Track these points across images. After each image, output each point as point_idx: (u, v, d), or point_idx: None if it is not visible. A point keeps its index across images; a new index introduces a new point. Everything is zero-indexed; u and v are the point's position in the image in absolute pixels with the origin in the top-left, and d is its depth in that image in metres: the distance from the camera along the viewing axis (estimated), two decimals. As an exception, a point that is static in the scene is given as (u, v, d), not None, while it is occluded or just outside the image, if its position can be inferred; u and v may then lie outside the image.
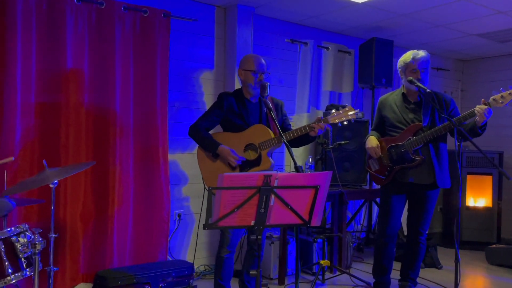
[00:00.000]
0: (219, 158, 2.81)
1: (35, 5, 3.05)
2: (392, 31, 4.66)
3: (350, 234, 4.22)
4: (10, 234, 1.95)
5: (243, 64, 2.86)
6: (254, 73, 2.78)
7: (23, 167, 3.01)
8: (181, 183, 3.89)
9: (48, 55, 3.12)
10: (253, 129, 2.81)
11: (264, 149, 2.76)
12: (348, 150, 4.27)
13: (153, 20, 3.53)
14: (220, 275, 2.83)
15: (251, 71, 2.80)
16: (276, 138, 2.75)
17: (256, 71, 2.78)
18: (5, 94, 2.95)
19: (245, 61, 2.85)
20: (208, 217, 1.96)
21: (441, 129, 2.95)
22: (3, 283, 1.90)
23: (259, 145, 2.77)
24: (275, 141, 2.74)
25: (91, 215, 3.32)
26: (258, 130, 2.80)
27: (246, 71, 2.82)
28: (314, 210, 2.04)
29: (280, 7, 4.05)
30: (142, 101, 3.53)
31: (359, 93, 5.01)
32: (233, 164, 2.76)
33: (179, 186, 3.88)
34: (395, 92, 3.25)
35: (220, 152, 2.76)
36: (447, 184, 3.09)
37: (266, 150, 2.76)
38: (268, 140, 2.75)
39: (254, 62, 2.80)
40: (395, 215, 3.18)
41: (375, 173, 3.18)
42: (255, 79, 2.79)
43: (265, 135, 2.77)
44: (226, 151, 2.74)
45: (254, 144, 2.79)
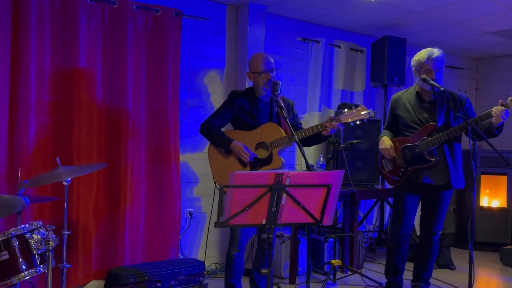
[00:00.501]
0: (232, 154, 2.80)
1: (49, 5, 3.08)
2: (405, 29, 4.61)
3: (362, 234, 4.19)
4: (25, 231, 1.97)
5: (250, 66, 2.86)
6: (262, 74, 2.78)
7: (37, 165, 3.04)
8: (192, 182, 3.90)
9: (62, 54, 3.15)
10: (265, 128, 2.80)
11: (275, 147, 2.75)
12: (360, 149, 4.24)
13: (165, 19, 3.54)
14: (231, 273, 2.83)
15: (258, 73, 2.79)
16: (287, 137, 2.73)
17: (263, 71, 2.77)
18: (19, 92, 2.99)
19: (252, 63, 2.84)
20: (219, 215, 1.95)
21: (457, 130, 2.90)
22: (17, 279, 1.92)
23: (270, 143, 2.76)
24: (286, 140, 2.73)
25: (103, 213, 3.35)
26: (270, 128, 2.79)
27: (255, 74, 2.82)
28: (326, 209, 2.03)
29: (292, 6, 4.03)
30: (153, 100, 3.54)
31: (371, 92, 4.97)
32: (245, 160, 2.75)
33: (190, 185, 3.89)
34: (408, 90, 3.19)
35: (233, 148, 2.75)
36: (461, 185, 3.05)
37: (277, 148, 2.76)
38: (280, 138, 2.74)
39: (260, 63, 2.79)
40: (409, 215, 3.14)
41: (389, 174, 3.15)
42: (263, 80, 2.79)
43: (277, 133, 2.76)
44: (239, 147, 2.74)
45: (265, 142, 2.78)
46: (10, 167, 2.96)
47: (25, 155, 2.99)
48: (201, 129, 2.87)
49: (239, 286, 2.87)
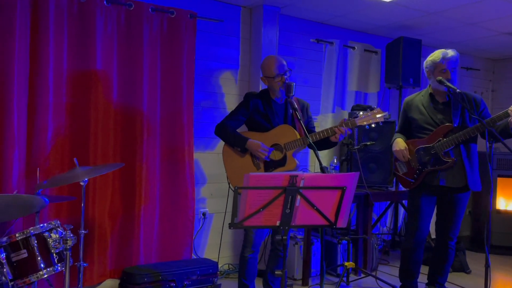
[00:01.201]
0: (246, 155, 2.81)
1: (66, 8, 3.13)
2: (420, 30, 4.57)
3: (376, 236, 4.16)
4: (43, 230, 2.02)
5: (263, 71, 2.86)
6: (276, 77, 2.78)
7: (54, 165, 3.10)
8: (206, 182, 3.92)
9: (79, 56, 3.20)
10: (279, 129, 2.81)
11: (290, 149, 2.75)
12: (374, 151, 4.21)
13: (180, 21, 3.57)
14: (244, 274, 2.84)
15: (273, 77, 2.79)
16: (301, 139, 2.73)
17: (277, 75, 2.78)
18: (37, 94, 3.05)
19: (264, 68, 2.85)
20: (233, 217, 1.97)
21: (473, 130, 2.86)
22: (35, 278, 1.96)
23: (284, 145, 2.76)
24: (300, 142, 2.73)
25: (119, 213, 3.39)
26: (284, 130, 2.79)
27: (269, 78, 2.82)
28: (340, 211, 2.02)
29: (306, 7, 4.03)
30: (168, 101, 3.58)
31: (385, 93, 4.94)
32: (262, 156, 2.74)
33: (204, 185, 3.92)
34: (421, 93, 3.16)
35: (249, 146, 2.76)
36: (478, 187, 3.00)
37: (291, 150, 2.75)
38: (294, 140, 2.74)
39: (273, 67, 2.79)
40: (425, 219, 3.09)
41: (404, 176, 3.11)
42: (278, 83, 2.78)
43: (291, 135, 2.76)
44: (255, 144, 2.74)
45: (279, 144, 2.78)
46: (28, 167, 3.02)
47: (43, 156, 3.05)
48: (216, 130, 2.89)
49: (252, 287, 2.88)
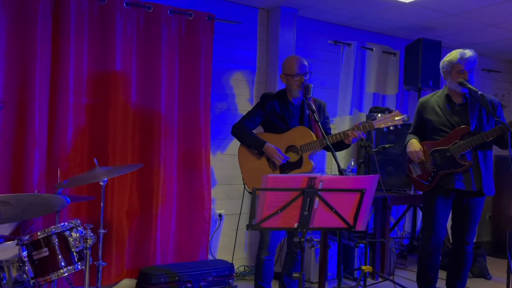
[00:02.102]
0: (263, 157, 2.81)
1: (87, 10, 3.18)
2: (440, 31, 4.50)
3: (394, 240, 4.11)
4: (64, 229, 2.04)
5: (284, 68, 2.85)
6: (295, 76, 2.77)
7: (74, 165, 3.14)
8: (221, 184, 3.93)
9: (98, 57, 3.25)
10: (295, 131, 2.79)
11: (306, 151, 2.73)
12: (393, 153, 4.16)
13: (198, 23, 3.59)
14: (261, 277, 2.83)
15: (292, 75, 2.78)
16: (318, 141, 2.71)
17: (297, 74, 2.77)
18: (58, 94, 3.10)
19: (285, 65, 2.84)
20: (251, 218, 1.96)
21: (492, 133, 2.79)
22: (56, 276, 1.99)
23: (300, 147, 2.74)
24: (317, 143, 2.71)
25: (136, 213, 3.42)
26: (300, 132, 2.78)
27: (288, 76, 2.81)
28: (359, 214, 2.00)
29: (324, 9, 4.01)
30: (186, 103, 3.60)
31: (404, 95, 4.88)
32: (278, 162, 2.74)
33: (219, 187, 3.92)
34: (437, 94, 3.10)
35: (266, 150, 2.75)
36: (492, 191, 2.94)
37: (307, 152, 2.73)
38: (310, 142, 2.72)
39: (294, 65, 2.78)
40: (441, 223, 3.03)
41: (418, 178, 3.06)
42: (296, 82, 2.77)
43: (307, 137, 2.74)
44: (272, 149, 2.73)
45: (295, 146, 2.77)
46: (49, 167, 3.07)
47: (63, 156, 3.10)
48: (233, 130, 2.88)
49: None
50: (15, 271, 2.02)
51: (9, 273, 2.01)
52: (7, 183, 2.96)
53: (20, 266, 2.01)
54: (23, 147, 2.96)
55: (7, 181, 2.96)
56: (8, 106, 2.92)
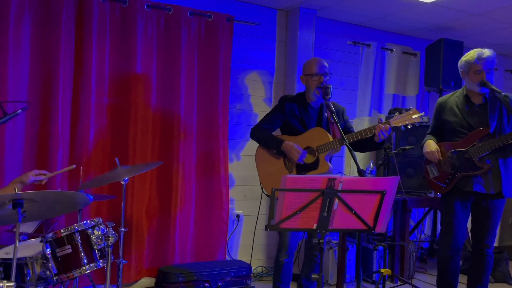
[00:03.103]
0: (280, 157, 2.80)
1: (109, 13, 3.24)
2: (462, 31, 4.42)
3: (413, 243, 4.05)
4: (86, 226, 2.08)
5: (304, 69, 2.86)
6: (314, 76, 2.77)
7: (96, 164, 3.20)
8: (239, 184, 3.94)
9: (120, 59, 3.30)
10: (312, 132, 2.78)
11: (322, 152, 2.71)
12: (412, 155, 4.10)
13: (217, 24, 3.62)
14: (280, 278, 2.82)
15: (311, 75, 2.79)
16: (334, 142, 2.68)
17: (316, 73, 2.77)
18: (81, 95, 3.16)
19: (306, 66, 2.85)
20: (270, 219, 1.96)
21: None
22: (78, 273, 2.03)
23: (317, 148, 2.73)
24: (334, 144, 2.68)
25: (156, 213, 3.46)
26: (317, 133, 2.76)
27: (307, 76, 2.82)
28: (379, 216, 1.98)
29: (343, 9, 3.99)
30: (204, 103, 3.62)
31: (424, 97, 4.81)
32: (295, 158, 2.72)
33: (237, 187, 3.94)
34: (455, 94, 3.04)
35: (285, 147, 2.74)
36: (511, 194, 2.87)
37: (324, 153, 2.71)
38: (327, 143, 2.70)
39: (314, 65, 2.80)
40: (460, 226, 2.96)
41: (434, 180, 3.00)
42: (316, 82, 2.77)
43: (324, 138, 2.72)
44: (290, 146, 2.72)
45: (312, 147, 2.76)
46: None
47: (85, 155, 3.16)
48: (252, 133, 2.89)
49: None
50: (39, 267, 2.06)
51: (33, 269, 2.06)
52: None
53: (43, 263, 2.06)
54: (46, 147, 3.03)
55: (31, 180, 3.03)
56: (32, 107, 2.99)
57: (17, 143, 2.98)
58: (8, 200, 1.69)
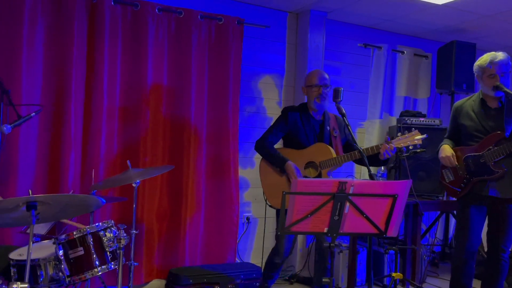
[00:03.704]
0: (284, 173, 2.85)
1: (121, 16, 3.27)
2: (474, 33, 4.38)
3: (425, 247, 4.01)
4: (98, 229, 2.10)
5: (305, 80, 2.95)
6: (314, 87, 2.85)
7: (107, 166, 3.23)
8: (249, 187, 3.94)
9: (131, 62, 3.33)
10: (315, 147, 2.84)
11: (325, 168, 2.78)
12: (424, 158, 4.07)
13: (228, 27, 3.63)
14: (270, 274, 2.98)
15: (312, 86, 2.87)
16: (338, 158, 2.75)
17: (316, 85, 2.85)
18: (93, 98, 3.19)
19: (307, 77, 2.95)
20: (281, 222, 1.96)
21: None
22: (90, 274, 2.05)
23: (319, 163, 2.79)
24: (336, 160, 2.74)
25: (166, 215, 3.47)
26: (320, 148, 2.82)
27: (308, 87, 2.90)
28: (391, 220, 1.97)
29: (354, 12, 3.98)
30: (215, 106, 3.64)
31: (436, 99, 4.77)
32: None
33: (248, 190, 3.94)
34: (472, 98, 3.01)
35: (286, 168, 2.80)
36: None
37: (326, 169, 2.78)
38: (330, 159, 2.76)
39: (315, 77, 2.88)
40: (475, 230, 2.94)
41: (450, 185, 2.98)
42: (316, 92, 2.85)
43: (327, 154, 2.78)
44: (291, 169, 2.78)
45: (315, 162, 2.81)
46: (83, 168, 3.17)
47: (96, 158, 3.18)
48: (257, 146, 2.95)
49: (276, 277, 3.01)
50: (52, 269, 2.09)
51: (45, 271, 2.08)
52: (43, 184, 3.07)
53: (56, 265, 2.08)
54: (59, 149, 3.07)
55: (44, 182, 3.07)
56: (45, 110, 3.02)
57: (30, 145, 3.02)
58: (22, 203, 1.71)
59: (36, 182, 3.04)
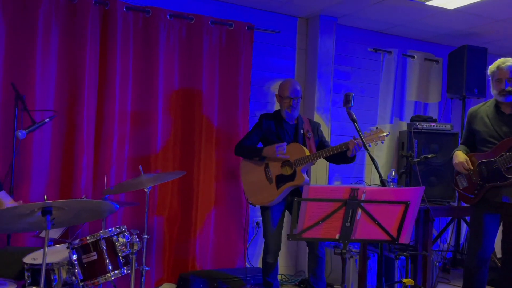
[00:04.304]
0: (261, 168, 3.00)
1: (132, 22, 3.31)
2: (486, 37, 4.35)
3: (436, 253, 3.98)
4: (112, 234, 2.12)
5: (278, 90, 3.09)
6: (286, 98, 3.00)
7: (119, 171, 3.25)
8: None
9: (142, 67, 3.36)
10: (290, 147, 2.96)
11: (299, 165, 2.90)
12: (435, 164, 4.04)
13: (238, 33, 3.65)
14: (268, 275, 3.04)
15: (283, 97, 3.01)
16: (311, 156, 2.88)
17: (287, 96, 2.99)
18: (105, 103, 3.23)
19: (280, 88, 3.08)
20: (292, 228, 1.96)
21: None
22: (103, 279, 2.07)
23: (294, 161, 2.91)
24: (309, 158, 2.88)
25: (176, 219, 3.49)
26: (294, 148, 2.94)
27: (279, 97, 3.07)
28: (403, 227, 1.96)
29: (364, 17, 3.97)
30: (225, 111, 3.65)
31: (447, 104, 4.74)
32: (282, 151, 2.88)
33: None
34: (487, 103, 3.00)
35: (266, 152, 2.94)
36: None
37: (300, 166, 2.90)
38: (303, 157, 2.89)
39: (287, 89, 3.01)
40: (488, 236, 2.91)
41: (463, 191, 2.96)
42: (286, 104, 3.00)
43: (300, 152, 2.91)
44: (271, 148, 2.91)
45: (290, 161, 2.94)
46: (95, 172, 3.20)
47: (109, 162, 3.21)
48: (236, 149, 3.10)
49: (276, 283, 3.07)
50: (65, 273, 2.11)
51: (59, 275, 2.11)
52: (56, 187, 3.11)
53: (69, 269, 2.10)
54: (72, 154, 3.10)
55: (57, 185, 3.11)
56: (58, 115, 3.06)
57: (44, 150, 3.06)
58: (38, 208, 1.73)
59: (49, 186, 3.07)
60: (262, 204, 3.00)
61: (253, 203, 3.05)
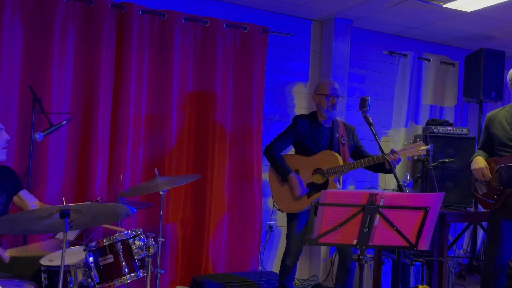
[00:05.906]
0: (294, 170, 2.92)
1: (148, 26, 3.32)
2: (503, 40, 4.29)
3: (452, 259, 3.91)
4: (128, 236, 2.13)
5: (317, 88, 3.01)
6: (327, 97, 2.91)
7: (134, 174, 3.27)
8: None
9: (157, 70, 3.38)
10: (323, 155, 2.91)
11: (332, 175, 2.84)
12: (451, 168, 3.98)
13: (252, 36, 3.65)
14: (286, 278, 3.00)
15: (324, 95, 2.92)
16: (345, 166, 2.81)
17: (328, 94, 2.91)
18: (120, 107, 3.25)
19: (319, 86, 3.01)
20: (309, 233, 1.94)
21: None
22: (119, 282, 2.07)
23: (327, 170, 2.85)
24: (343, 168, 2.81)
25: (190, 222, 3.49)
26: (328, 156, 2.88)
27: (320, 95, 2.95)
28: (422, 233, 1.93)
29: (379, 20, 3.94)
30: (239, 114, 3.65)
31: (463, 107, 4.68)
32: (296, 194, 2.87)
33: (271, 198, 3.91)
34: (505, 108, 2.96)
35: (290, 180, 2.89)
36: None
37: (333, 176, 2.84)
38: (336, 167, 2.82)
39: (328, 87, 2.94)
40: (507, 243, 2.86)
41: (483, 197, 2.92)
42: (328, 102, 2.91)
43: (334, 161, 2.84)
44: (294, 182, 2.87)
45: (322, 169, 2.88)
46: (110, 175, 3.22)
47: (123, 164, 3.23)
48: (265, 151, 3.03)
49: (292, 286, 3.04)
50: (81, 275, 2.11)
51: (75, 277, 2.11)
52: (72, 189, 3.14)
53: (85, 271, 2.11)
54: (87, 156, 3.12)
55: (72, 187, 3.14)
56: (74, 117, 3.08)
57: (60, 152, 3.08)
58: (56, 211, 1.74)
59: (64, 188, 3.10)
60: (291, 212, 2.96)
61: (282, 209, 3.00)
